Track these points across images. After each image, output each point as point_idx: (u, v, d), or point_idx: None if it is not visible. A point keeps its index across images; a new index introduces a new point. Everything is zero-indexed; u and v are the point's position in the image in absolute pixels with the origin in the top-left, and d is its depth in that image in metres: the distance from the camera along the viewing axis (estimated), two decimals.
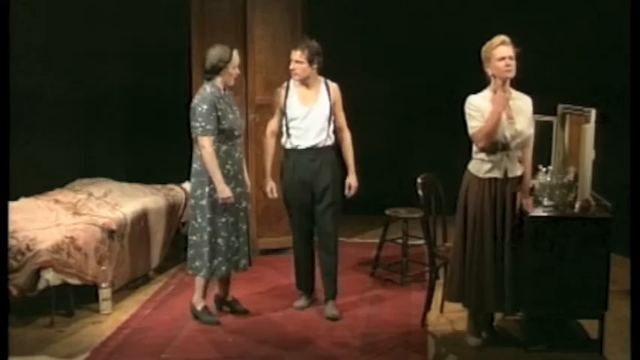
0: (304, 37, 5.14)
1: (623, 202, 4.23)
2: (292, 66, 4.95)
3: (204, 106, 4.69)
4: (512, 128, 4.36)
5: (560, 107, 4.88)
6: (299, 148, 5.02)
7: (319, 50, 4.95)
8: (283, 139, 5.09)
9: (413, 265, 5.83)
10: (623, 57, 4.71)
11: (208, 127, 4.69)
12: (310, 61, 4.93)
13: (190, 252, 4.91)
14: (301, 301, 5.28)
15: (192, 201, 4.88)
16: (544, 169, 4.68)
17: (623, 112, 4.52)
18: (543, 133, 4.66)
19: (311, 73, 4.97)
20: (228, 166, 4.80)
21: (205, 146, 4.69)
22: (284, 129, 5.06)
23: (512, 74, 4.34)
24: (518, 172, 4.47)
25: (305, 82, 5.01)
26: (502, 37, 4.36)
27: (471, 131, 4.39)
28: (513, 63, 4.32)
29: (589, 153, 4.40)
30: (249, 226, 5.10)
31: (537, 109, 4.51)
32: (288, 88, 5.06)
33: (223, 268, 4.87)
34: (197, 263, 4.87)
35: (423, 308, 4.92)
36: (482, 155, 4.43)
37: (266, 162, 5.13)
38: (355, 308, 5.24)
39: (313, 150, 5.02)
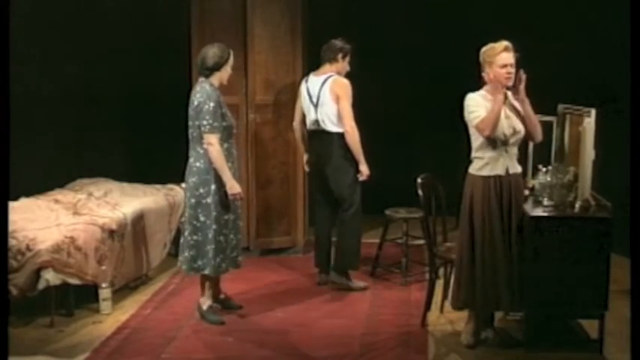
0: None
1: (623, 202, 4.22)
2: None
3: (211, 104, 4.68)
4: (510, 126, 4.38)
5: (560, 107, 4.88)
6: None
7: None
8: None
9: (413, 265, 5.84)
10: (623, 57, 4.71)
11: (215, 124, 4.68)
12: None
13: (191, 252, 4.85)
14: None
15: (192, 200, 4.82)
16: (544, 169, 4.68)
17: (623, 111, 4.52)
18: (543, 133, 4.65)
19: None
20: (229, 164, 4.79)
21: (213, 143, 4.68)
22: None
23: (511, 82, 4.35)
24: (518, 170, 4.50)
25: None
26: (505, 43, 4.33)
27: (475, 121, 4.36)
28: (514, 71, 4.32)
29: (589, 153, 4.40)
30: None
31: (537, 109, 4.51)
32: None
33: (224, 265, 4.87)
34: (199, 263, 4.84)
35: (423, 308, 4.92)
36: (482, 153, 4.43)
37: None
38: (355, 308, 5.24)
39: None
